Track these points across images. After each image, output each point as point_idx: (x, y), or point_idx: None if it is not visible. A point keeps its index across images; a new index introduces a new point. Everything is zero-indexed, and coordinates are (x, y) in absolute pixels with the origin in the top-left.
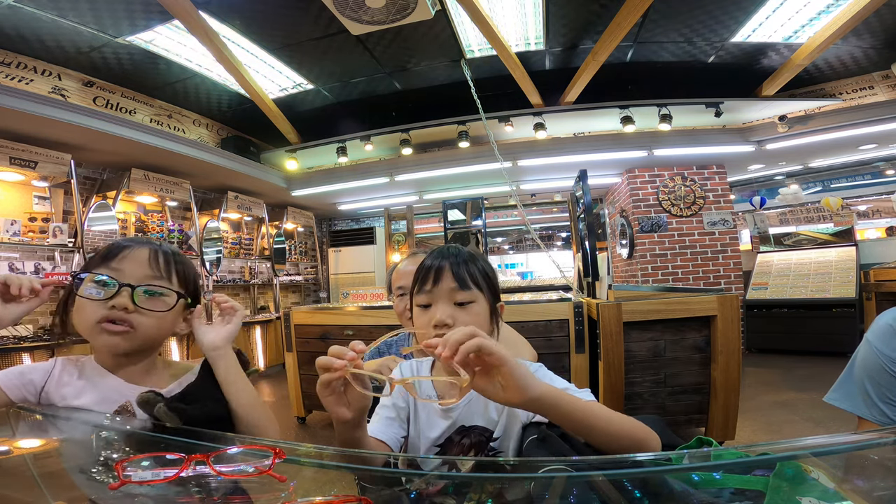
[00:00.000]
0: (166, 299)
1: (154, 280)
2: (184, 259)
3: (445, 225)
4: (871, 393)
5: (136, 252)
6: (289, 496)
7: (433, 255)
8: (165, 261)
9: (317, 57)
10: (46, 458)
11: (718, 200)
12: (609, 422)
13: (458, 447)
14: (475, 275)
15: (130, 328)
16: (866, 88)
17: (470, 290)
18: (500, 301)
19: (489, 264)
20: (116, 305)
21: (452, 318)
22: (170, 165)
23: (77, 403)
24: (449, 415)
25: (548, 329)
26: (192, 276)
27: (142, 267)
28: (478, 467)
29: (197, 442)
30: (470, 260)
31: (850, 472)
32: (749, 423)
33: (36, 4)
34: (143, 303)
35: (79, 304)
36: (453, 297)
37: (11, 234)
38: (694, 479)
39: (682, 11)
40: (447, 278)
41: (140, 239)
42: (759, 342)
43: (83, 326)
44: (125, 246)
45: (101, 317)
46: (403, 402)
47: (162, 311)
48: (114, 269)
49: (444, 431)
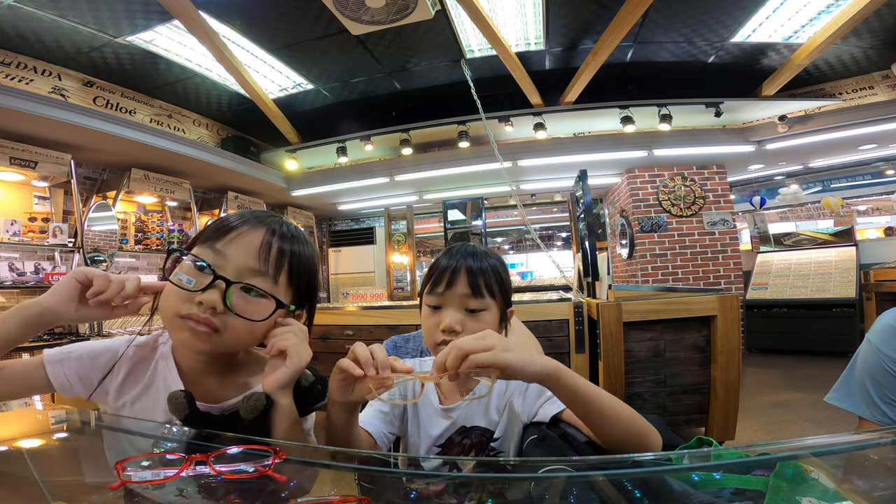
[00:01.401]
0: (264, 304)
1: (256, 277)
2: (303, 250)
3: (445, 225)
4: (871, 393)
5: (247, 236)
6: (289, 496)
7: (449, 255)
8: (279, 253)
9: (317, 57)
10: (46, 457)
11: (718, 200)
12: (616, 409)
13: (459, 447)
14: (490, 282)
15: (214, 331)
16: (866, 88)
17: (483, 298)
18: (511, 307)
19: (505, 268)
20: (204, 302)
21: (462, 324)
22: (170, 165)
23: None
24: (449, 415)
25: (548, 329)
26: (306, 274)
27: (248, 256)
28: (478, 467)
29: (197, 442)
30: (487, 265)
31: (851, 472)
32: (749, 423)
33: (36, 4)
34: (237, 303)
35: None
36: (465, 303)
37: (11, 234)
38: (694, 479)
39: (682, 11)
40: (461, 284)
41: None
42: (759, 342)
43: (165, 315)
44: (236, 226)
45: (185, 312)
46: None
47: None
48: (218, 251)
49: (444, 431)
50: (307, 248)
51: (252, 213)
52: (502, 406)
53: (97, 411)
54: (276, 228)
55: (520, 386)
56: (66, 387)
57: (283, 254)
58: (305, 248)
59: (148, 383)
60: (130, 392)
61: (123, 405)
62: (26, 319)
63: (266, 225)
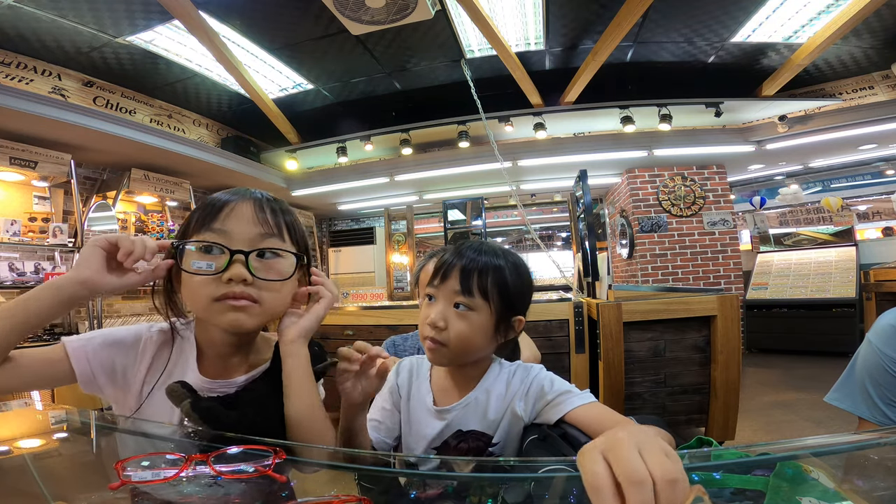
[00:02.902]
0: (283, 262)
1: (267, 239)
2: (287, 207)
3: (445, 225)
4: (871, 393)
5: (239, 207)
6: (289, 496)
7: (453, 252)
8: (273, 213)
9: (317, 57)
10: (47, 457)
11: (718, 200)
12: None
13: (455, 452)
14: (485, 283)
15: (254, 301)
16: (866, 88)
17: (472, 297)
18: (520, 316)
19: (516, 271)
20: (234, 278)
21: (445, 321)
22: (170, 165)
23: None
24: (444, 416)
25: (548, 329)
26: (300, 229)
27: (251, 224)
28: (477, 468)
29: (197, 442)
30: (488, 263)
31: (851, 472)
32: (749, 423)
33: (36, 4)
34: (260, 269)
35: (185, 280)
36: (454, 298)
37: (11, 234)
38: (694, 479)
39: (682, 11)
40: (454, 278)
41: (238, 189)
42: (759, 342)
43: (199, 305)
44: (225, 201)
45: (220, 293)
46: (391, 404)
47: (282, 280)
48: (218, 230)
49: (439, 433)
50: (288, 206)
51: (231, 190)
52: (502, 410)
53: (97, 411)
54: (259, 195)
55: (521, 388)
56: (88, 377)
57: (277, 213)
58: (287, 205)
59: (171, 369)
60: (155, 378)
61: (150, 393)
62: (62, 299)
63: (250, 194)
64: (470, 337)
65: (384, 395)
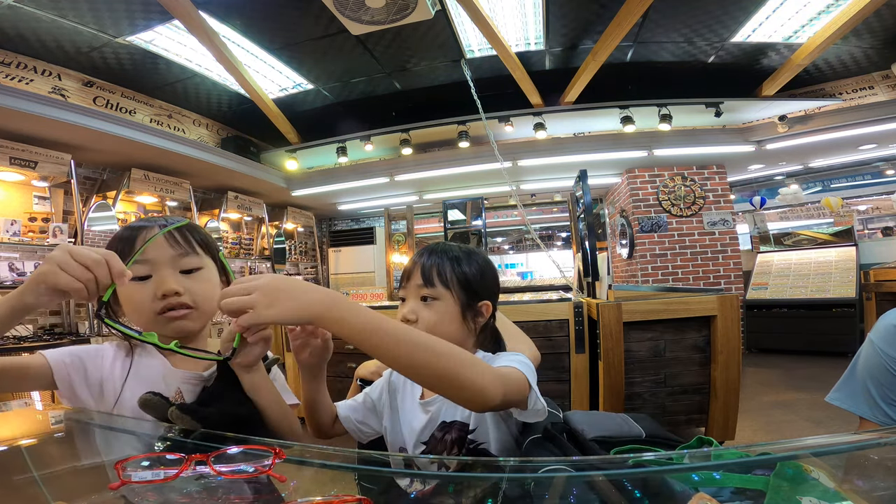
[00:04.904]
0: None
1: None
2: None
3: (445, 225)
4: (873, 393)
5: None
6: (289, 496)
7: (414, 256)
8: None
9: (317, 57)
10: (46, 457)
11: (718, 200)
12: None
13: (442, 444)
14: (444, 273)
15: (191, 307)
16: (866, 88)
17: (434, 287)
18: (484, 301)
19: (474, 261)
20: (167, 293)
21: (415, 313)
22: (170, 165)
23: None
24: (427, 408)
25: (548, 329)
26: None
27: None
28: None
29: (197, 442)
30: (445, 256)
31: (851, 472)
32: (749, 423)
33: (36, 4)
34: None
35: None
36: (420, 292)
37: (11, 234)
38: (694, 479)
39: (682, 11)
40: (416, 275)
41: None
42: (759, 342)
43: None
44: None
45: (158, 308)
46: (377, 394)
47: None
48: (140, 262)
49: (425, 425)
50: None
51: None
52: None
53: (97, 412)
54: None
55: None
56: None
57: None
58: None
59: (138, 360)
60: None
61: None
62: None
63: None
64: (439, 324)
65: (378, 385)
